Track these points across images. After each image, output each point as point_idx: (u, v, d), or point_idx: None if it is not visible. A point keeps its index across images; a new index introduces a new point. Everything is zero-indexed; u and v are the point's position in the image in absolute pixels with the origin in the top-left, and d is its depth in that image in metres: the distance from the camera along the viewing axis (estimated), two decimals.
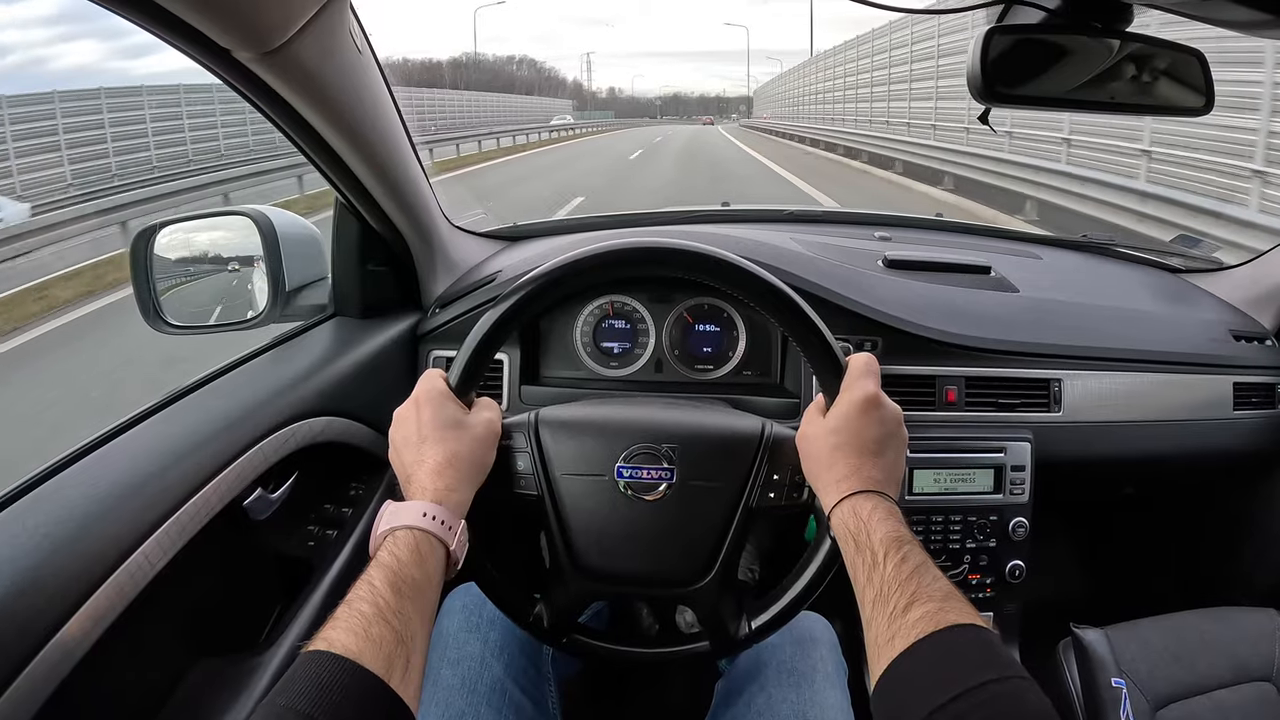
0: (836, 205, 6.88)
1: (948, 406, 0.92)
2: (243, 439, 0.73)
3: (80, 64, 40.56)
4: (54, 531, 0.56)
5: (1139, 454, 0.97)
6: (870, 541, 0.52)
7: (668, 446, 0.63)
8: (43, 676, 0.51)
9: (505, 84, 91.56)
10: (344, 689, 0.43)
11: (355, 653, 0.44)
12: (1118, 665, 0.84)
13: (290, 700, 0.42)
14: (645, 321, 0.98)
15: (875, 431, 0.58)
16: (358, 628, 0.46)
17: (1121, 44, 0.74)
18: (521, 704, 0.73)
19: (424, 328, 0.99)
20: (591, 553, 0.63)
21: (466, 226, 1.12)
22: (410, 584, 0.50)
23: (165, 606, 0.65)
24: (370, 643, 0.45)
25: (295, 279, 0.92)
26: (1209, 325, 1.04)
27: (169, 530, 0.63)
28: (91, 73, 47.60)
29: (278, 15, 0.59)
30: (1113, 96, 0.76)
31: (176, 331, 0.91)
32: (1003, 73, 0.70)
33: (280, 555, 0.84)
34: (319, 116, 0.71)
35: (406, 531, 0.53)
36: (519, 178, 11.64)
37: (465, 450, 0.59)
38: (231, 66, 0.62)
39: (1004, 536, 0.91)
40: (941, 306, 0.95)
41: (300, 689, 0.42)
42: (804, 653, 0.75)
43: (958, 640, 0.45)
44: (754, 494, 0.62)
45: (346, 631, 0.45)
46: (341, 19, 0.67)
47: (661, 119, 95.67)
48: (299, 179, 7.85)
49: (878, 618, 0.49)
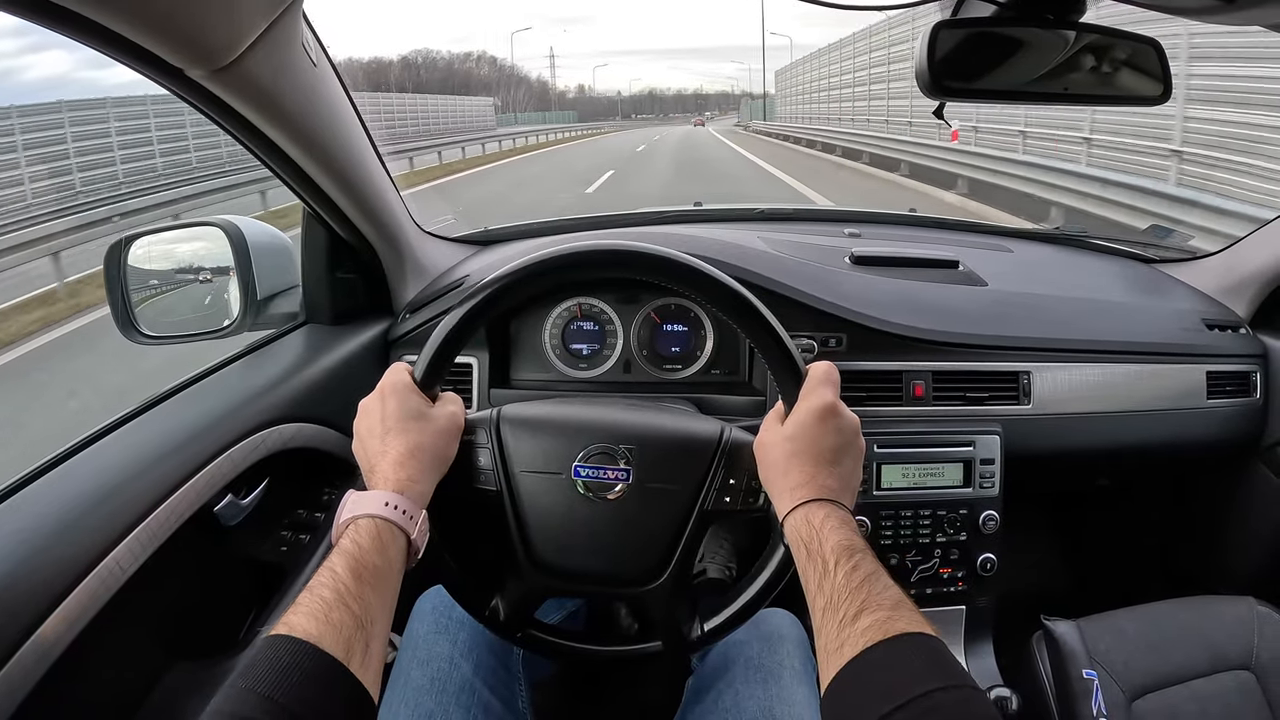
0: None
1: (915, 401, 0.92)
2: (213, 445, 0.74)
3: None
4: (29, 537, 0.58)
5: (1112, 445, 0.97)
6: (822, 550, 0.52)
7: (625, 447, 0.63)
8: (19, 678, 0.53)
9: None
10: (303, 671, 0.43)
11: (315, 636, 0.45)
12: (1090, 656, 0.84)
13: (251, 683, 0.42)
14: (613, 322, 0.99)
15: (832, 440, 0.58)
16: (318, 612, 0.46)
17: (1076, 35, 0.74)
18: (490, 703, 0.73)
19: (394, 333, 1.00)
20: (548, 549, 0.64)
21: (437, 232, 1.13)
22: (371, 570, 0.51)
23: (139, 610, 0.66)
24: (330, 626, 0.46)
25: (266, 288, 0.93)
26: (1182, 315, 1.04)
27: (140, 536, 0.64)
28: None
29: (226, 33, 0.60)
30: (1067, 88, 0.76)
31: (151, 341, 0.92)
32: (953, 67, 0.71)
33: (253, 560, 0.85)
34: (277, 129, 0.72)
35: (369, 519, 0.54)
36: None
37: (428, 442, 0.60)
38: (186, 84, 0.63)
39: (975, 530, 0.91)
40: (908, 301, 0.96)
41: (260, 672, 0.43)
42: (771, 649, 0.76)
43: (906, 648, 0.46)
44: (709, 497, 0.63)
45: (307, 616, 0.46)
46: (294, 33, 0.68)
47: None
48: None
49: (827, 625, 0.49)
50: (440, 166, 14.23)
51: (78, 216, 6.47)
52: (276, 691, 0.42)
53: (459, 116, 27.16)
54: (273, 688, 0.42)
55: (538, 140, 24.88)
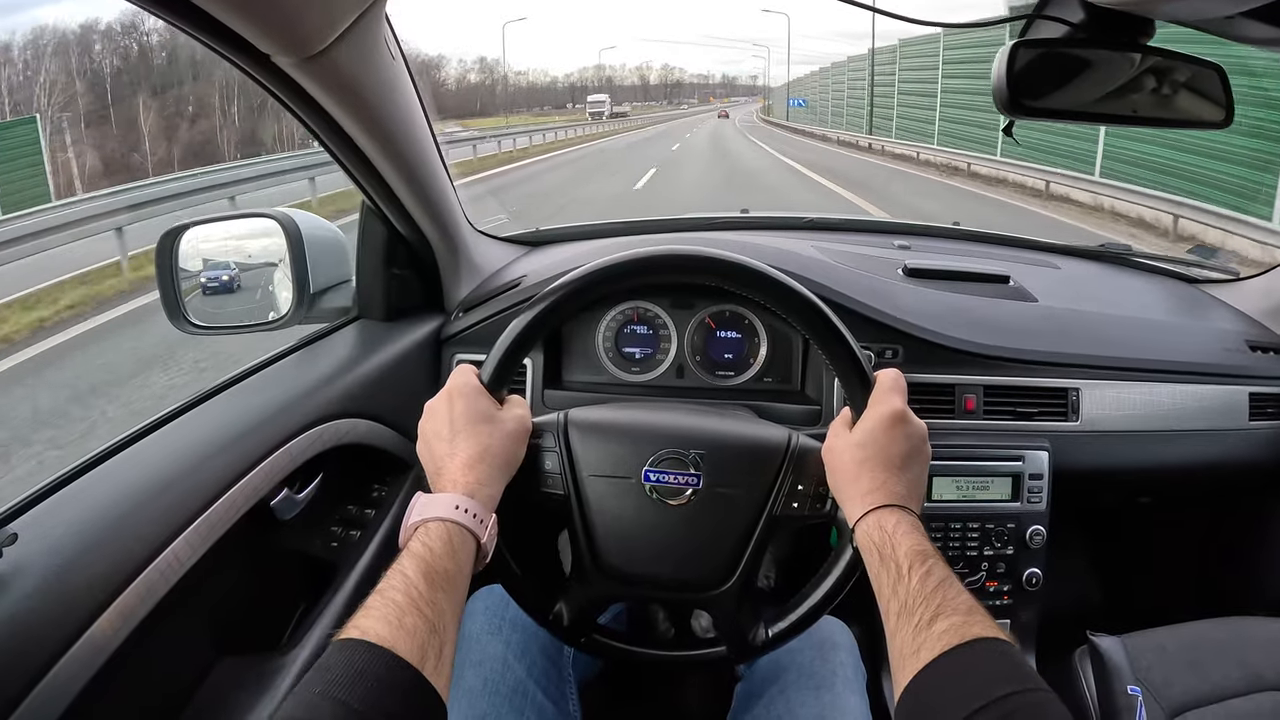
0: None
1: (967, 415, 0.93)
2: (271, 439, 0.74)
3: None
4: (85, 529, 0.57)
5: (1155, 463, 0.98)
6: (895, 555, 0.53)
7: (695, 452, 0.64)
8: (74, 672, 0.52)
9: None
10: (378, 678, 0.43)
11: (389, 641, 0.44)
12: (1133, 673, 0.84)
13: (326, 688, 0.42)
14: (667, 327, 0.99)
15: (901, 447, 0.59)
16: (391, 617, 0.46)
17: (1143, 57, 0.75)
18: (543, 705, 0.73)
19: (447, 331, 1.00)
20: (615, 554, 0.64)
21: (488, 231, 1.13)
22: (443, 575, 0.50)
23: (192, 605, 0.65)
24: (404, 632, 0.45)
25: (320, 281, 0.93)
26: (1225, 335, 1.05)
27: (198, 529, 0.63)
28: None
29: (318, 22, 0.60)
30: (1135, 110, 0.77)
31: (200, 332, 0.92)
32: (1027, 86, 0.71)
33: (304, 555, 0.85)
34: (353, 121, 0.72)
35: (439, 523, 0.53)
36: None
37: (497, 445, 0.60)
38: (271, 72, 0.63)
39: (1021, 544, 0.91)
40: (961, 315, 0.96)
41: (335, 677, 0.42)
42: (824, 657, 0.76)
43: (982, 653, 0.46)
44: (778, 503, 0.63)
45: (380, 620, 0.46)
46: (378, 27, 0.68)
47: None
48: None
49: (902, 630, 0.49)
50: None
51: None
52: (352, 698, 0.41)
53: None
54: (348, 693, 0.41)
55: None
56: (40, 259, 4.99)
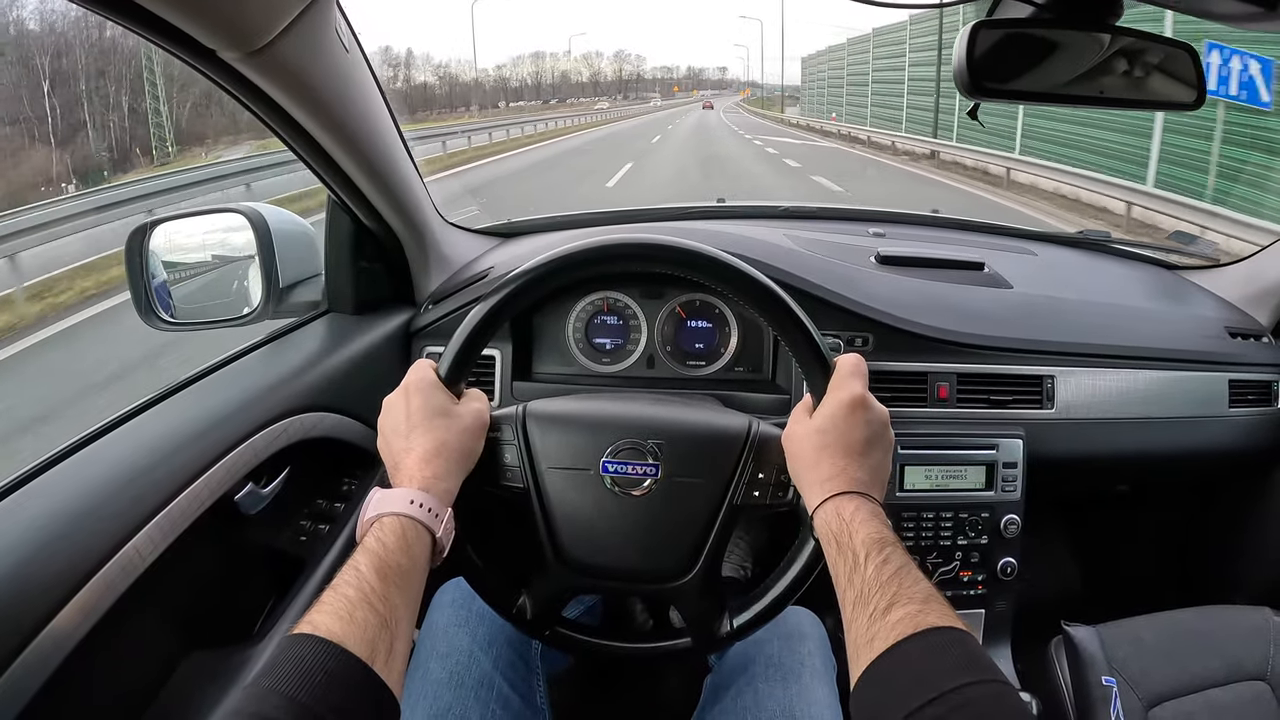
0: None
1: (939, 403, 0.92)
2: (234, 434, 0.73)
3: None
4: (46, 524, 0.57)
5: (1133, 451, 0.97)
6: (852, 543, 0.52)
7: (653, 442, 0.63)
8: (35, 666, 0.52)
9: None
10: (327, 672, 0.43)
11: (339, 636, 0.45)
12: (1109, 663, 0.84)
13: (274, 682, 0.42)
14: (637, 317, 0.98)
15: (861, 433, 0.58)
16: (342, 611, 0.46)
17: (1112, 38, 0.74)
18: (509, 697, 0.73)
19: (417, 324, 1.00)
20: (576, 546, 0.63)
21: (460, 223, 1.12)
22: (396, 570, 0.50)
23: (157, 599, 0.65)
24: (354, 626, 0.45)
25: (289, 275, 0.93)
26: (1205, 322, 1.04)
27: (160, 524, 0.63)
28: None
29: (261, 16, 0.60)
30: (1103, 91, 0.76)
31: (171, 328, 0.92)
32: (990, 68, 0.70)
33: (272, 550, 0.85)
34: (307, 115, 0.72)
35: (394, 518, 0.53)
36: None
37: (453, 439, 0.59)
38: (218, 66, 0.63)
39: (996, 533, 0.91)
40: (934, 303, 0.95)
41: (284, 671, 0.42)
42: (792, 648, 0.75)
43: (937, 642, 0.45)
44: (738, 492, 0.62)
45: (331, 615, 0.46)
46: (328, 18, 0.67)
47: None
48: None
49: (858, 619, 0.49)
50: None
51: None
52: (300, 692, 0.41)
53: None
54: (296, 688, 0.42)
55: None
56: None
